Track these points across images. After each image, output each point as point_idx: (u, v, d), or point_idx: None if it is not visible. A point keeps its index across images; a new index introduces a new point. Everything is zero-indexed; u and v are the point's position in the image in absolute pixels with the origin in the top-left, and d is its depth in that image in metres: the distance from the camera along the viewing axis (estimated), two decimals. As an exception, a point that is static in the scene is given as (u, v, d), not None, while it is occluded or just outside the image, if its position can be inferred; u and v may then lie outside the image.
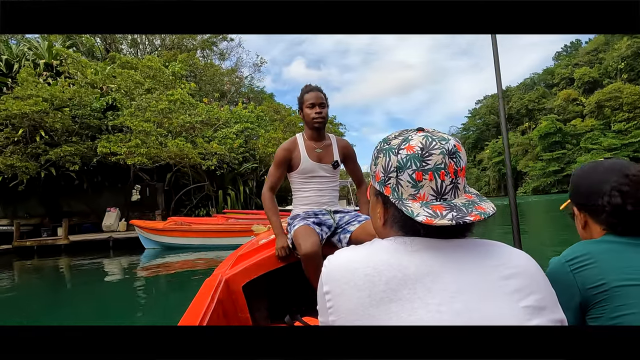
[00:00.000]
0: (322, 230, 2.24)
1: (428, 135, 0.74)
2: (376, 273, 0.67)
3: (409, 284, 0.66)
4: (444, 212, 0.70)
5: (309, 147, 2.37)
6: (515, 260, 0.72)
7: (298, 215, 2.33)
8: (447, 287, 0.66)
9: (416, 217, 0.69)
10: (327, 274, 0.73)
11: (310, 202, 2.37)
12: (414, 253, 0.70)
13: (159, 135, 13.91)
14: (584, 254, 0.97)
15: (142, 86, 15.09)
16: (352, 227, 2.27)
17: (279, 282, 2.39)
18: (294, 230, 2.20)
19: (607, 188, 0.99)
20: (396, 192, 0.75)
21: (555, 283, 0.78)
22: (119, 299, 6.53)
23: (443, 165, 0.72)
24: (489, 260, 0.71)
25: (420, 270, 0.67)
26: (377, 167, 0.79)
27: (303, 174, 2.36)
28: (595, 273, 0.94)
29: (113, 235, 14.58)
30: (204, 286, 1.85)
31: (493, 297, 0.67)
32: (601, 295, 0.92)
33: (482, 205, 0.73)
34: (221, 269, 2.13)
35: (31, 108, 12.38)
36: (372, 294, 0.66)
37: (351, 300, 0.67)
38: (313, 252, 2.02)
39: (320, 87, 2.41)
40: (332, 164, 2.39)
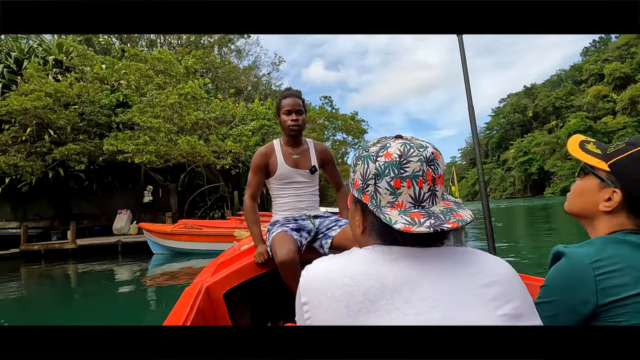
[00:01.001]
0: (301, 236, 2.21)
1: (406, 143, 0.74)
2: (354, 283, 0.67)
3: (387, 294, 0.66)
4: (422, 219, 0.69)
5: (285, 152, 2.36)
6: (493, 268, 0.72)
7: (277, 222, 2.32)
8: (425, 296, 0.66)
9: (394, 224, 0.69)
10: (305, 285, 0.72)
11: (289, 208, 2.37)
12: (392, 262, 0.70)
13: (169, 132, 12.94)
14: (612, 255, 0.83)
15: (152, 80, 14.20)
16: (333, 232, 2.27)
17: (261, 289, 2.36)
18: (271, 237, 2.17)
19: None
20: (374, 199, 0.74)
21: (568, 281, 0.84)
22: (121, 313, 5.91)
23: (421, 173, 0.72)
24: (467, 269, 0.71)
25: (398, 280, 0.68)
26: (355, 174, 0.79)
27: (280, 180, 2.36)
28: (624, 282, 0.80)
29: (122, 239, 13.77)
30: (184, 295, 1.78)
31: (471, 306, 0.67)
32: (621, 309, 0.80)
33: (460, 213, 0.73)
34: (201, 277, 2.09)
35: (32, 103, 11.55)
36: (349, 305, 0.66)
37: (328, 311, 0.67)
38: (288, 259, 2.00)
39: (300, 92, 2.39)
40: (309, 169, 2.38)
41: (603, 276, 0.82)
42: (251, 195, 2.36)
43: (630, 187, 0.89)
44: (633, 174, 0.89)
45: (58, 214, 16.83)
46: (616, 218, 0.92)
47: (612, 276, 0.81)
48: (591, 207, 0.95)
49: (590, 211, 0.95)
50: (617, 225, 0.92)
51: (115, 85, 16.24)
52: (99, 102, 14.39)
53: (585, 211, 0.97)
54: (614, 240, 0.87)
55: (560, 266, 0.88)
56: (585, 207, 0.97)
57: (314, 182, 2.44)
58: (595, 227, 0.96)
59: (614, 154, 0.92)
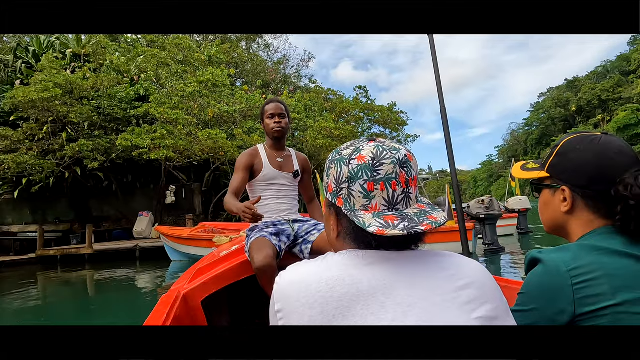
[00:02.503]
0: (280, 241, 2.20)
1: (379, 145, 0.74)
2: (329, 289, 0.66)
3: (362, 300, 0.66)
4: (395, 222, 0.69)
5: (270, 155, 2.42)
6: (468, 271, 0.71)
7: (256, 227, 2.30)
8: (400, 301, 0.66)
9: (367, 227, 0.68)
10: (278, 292, 0.71)
11: (269, 210, 2.38)
12: (366, 267, 0.69)
13: (188, 125, 11.61)
14: (589, 263, 0.81)
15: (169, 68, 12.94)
16: (312, 236, 2.27)
17: (241, 295, 2.34)
18: (250, 242, 2.17)
19: (631, 178, 0.84)
20: (348, 203, 0.74)
21: (545, 290, 0.82)
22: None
23: (394, 175, 0.71)
24: (442, 272, 0.70)
25: (372, 285, 0.67)
26: (329, 178, 0.78)
27: (264, 181, 2.39)
28: (601, 292, 0.78)
29: (140, 244, 12.60)
30: (160, 303, 1.72)
31: (446, 310, 0.66)
32: (599, 320, 0.77)
33: (434, 215, 0.73)
34: (179, 284, 2.03)
35: (40, 94, 10.46)
36: (324, 312, 0.65)
37: (303, 318, 0.66)
38: (266, 265, 1.97)
39: (282, 100, 2.62)
40: (293, 173, 2.45)
41: (580, 285, 0.79)
42: (232, 191, 2.31)
43: (570, 179, 0.93)
44: (566, 166, 0.94)
45: (78, 216, 15.95)
46: (582, 216, 0.93)
47: (589, 285, 0.79)
48: (557, 214, 0.97)
49: (559, 220, 0.97)
50: (587, 224, 0.92)
51: (135, 79, 15.19)
52: (115, 95, 13.28)
53: (555, 221, 0.98)
54: (589, 248, 0.85)
55: (537, 273, 0.85)
56: (552, 217, 0.99)
57: (295, 187, 2.49)
58: (571, 234, 0.96)
59: (546, 159, 0.99)
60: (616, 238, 0.85)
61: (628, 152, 0.90)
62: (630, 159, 0.89)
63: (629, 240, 0.84)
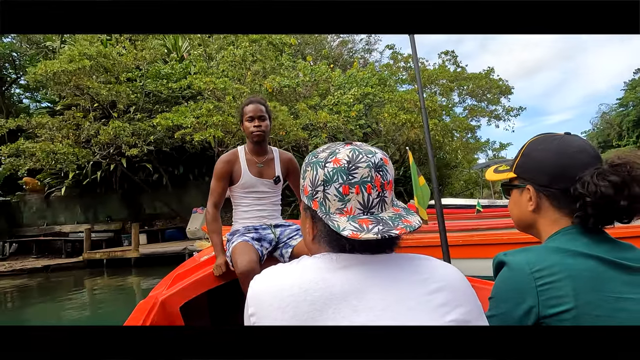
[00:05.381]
0: (262, 246, 2.16)
1: (355, 149, 0.73)
2: (301, 292, 0.66)
3: (334, 303, 0.65)
4: (370, 225, 0.68)
5: (250, 161, 2.31)
6: (441, 274, 0.71)
7: (237, 231, 2.24)
8: (373, 304, 0.66)
9: (342, 231, 0.68)
10: (252, 295, 0.71)
11: (250, 217, 2.31)
12: (340, 270, 0.69)
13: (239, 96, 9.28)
14: (552, 265, 0.80)
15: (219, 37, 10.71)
16: (293, 241, 2.23)
17: (221, 300, 2.31)
18: (232, 247, 2.11)
19: (588, 176, 0.85)
20: (324, 206, 0.73)
21: (512, 292, 0.81)
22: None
23: (369, 179, 0.71)
24: (416, 275, 0.70)
25: (345, 289, 0.66)
26: (305, 181, 0.77)
27: (243, 189, 2.30)
28: (563, 294, 0.78)
29: (189, 247, 10.58)
30: (136, 310, 1.66)
31: (419, 313, 0.66)
32: (562, 322, 0.78)
33: (409, 219, 0.72)
34: (157, 290, 1.98)
35: (63, 66, 8.67)
36: (296, 315, 0.65)
37: (276, 322, 0.66)
38: (249, 269, 1.91)
39: (264, 100, 2.38)
40: (273, 180, 2.34)
41: (544, 287, 0.80)
42: (214, 203, 2.26)
43: (534, 179, 0.94)
44: (530, 166, 0.95)
45: (130, 215, 14.44)
46: (547, 215, 0.93)
47: (552, 287, 0.79)
48: (525, 214, 0.97)
49: (527, 219, 0.97)
50: (554, 223, 0.92)
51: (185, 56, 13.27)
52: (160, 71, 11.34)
53: (524, 221, 0.99)
54: (554, 250, 0.85)
55: (503, 276, 0.86)
56: (521, 217, 0.99)
57: (277, 192, 2.40)
58: (540, 232, 0.96)
59: (514, 161, 1.01)
60: (581, 239, 0.85)
61: (589, 151, 0.91)
62: (590, 157, 0.89)
63: (594, 241, 0.84)
